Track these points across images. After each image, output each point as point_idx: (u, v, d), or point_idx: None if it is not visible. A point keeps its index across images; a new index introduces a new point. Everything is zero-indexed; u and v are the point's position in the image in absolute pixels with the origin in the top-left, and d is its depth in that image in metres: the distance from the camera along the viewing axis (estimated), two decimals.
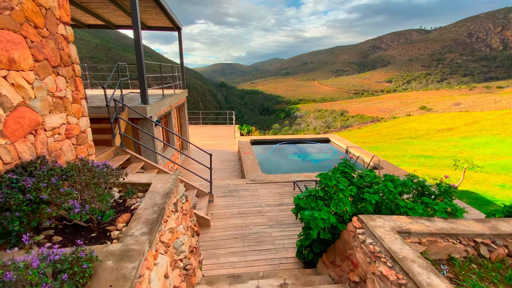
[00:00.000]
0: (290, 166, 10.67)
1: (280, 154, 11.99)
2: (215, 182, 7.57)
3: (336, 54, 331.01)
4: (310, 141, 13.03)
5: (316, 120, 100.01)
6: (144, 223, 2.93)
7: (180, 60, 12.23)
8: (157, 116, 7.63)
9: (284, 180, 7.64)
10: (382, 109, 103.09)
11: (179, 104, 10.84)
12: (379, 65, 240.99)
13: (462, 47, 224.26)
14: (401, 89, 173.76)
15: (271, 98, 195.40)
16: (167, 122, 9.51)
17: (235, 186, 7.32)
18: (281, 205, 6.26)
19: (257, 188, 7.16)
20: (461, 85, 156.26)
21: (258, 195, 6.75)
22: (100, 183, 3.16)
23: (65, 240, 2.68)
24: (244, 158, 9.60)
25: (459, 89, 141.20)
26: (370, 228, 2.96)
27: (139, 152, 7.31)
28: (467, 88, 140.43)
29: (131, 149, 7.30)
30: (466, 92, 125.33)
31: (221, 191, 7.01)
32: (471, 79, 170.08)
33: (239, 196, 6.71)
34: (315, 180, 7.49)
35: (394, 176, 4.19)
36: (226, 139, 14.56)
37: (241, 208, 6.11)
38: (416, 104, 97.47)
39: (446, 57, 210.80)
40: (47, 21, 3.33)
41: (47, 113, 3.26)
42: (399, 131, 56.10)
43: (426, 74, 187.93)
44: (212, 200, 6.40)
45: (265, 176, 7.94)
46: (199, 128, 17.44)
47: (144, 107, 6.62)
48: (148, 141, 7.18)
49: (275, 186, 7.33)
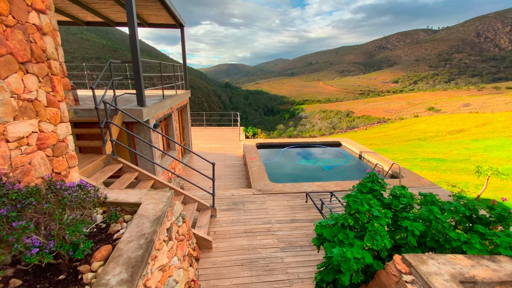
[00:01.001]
0: (299, 173, 9.93)
1: (288, 159, 11.26)
2: (218, 192, 6.87)
3: (341, 54, 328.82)
4: (320, 145, 12.27)
5: (321, 121, 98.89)
6: (125, 265, 2.22)
7: (183, 59, 11.57)
8: (156, 120, 6.95)
9: (295, 191, 6.91)
10: (388, 110, 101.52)
11: (181, 106, 10.18)
12: (385, 66, 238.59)
13: (470, 47, 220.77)
14: (407, 90, 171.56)
15: (275, 98, 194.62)
16: (168, 125, 8.85)
17: (240, 197, 6.61)
18: (293, 221, 5.53)
19: (265, 200, 6.44)
20: (469, 86, 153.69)
21: (266, 209, 6.03)
22: (73, 210, 2.48)
23: (25, 284, 2.09)
24: (250, 164, 8.89)
25: (468, 90, 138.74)
26: (424, 276, 2.22)
27: (135, 160, 6.63)
28: (476, 89, 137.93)
29: (126, 156, 6.63)
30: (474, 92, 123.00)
31: (225, 203, 6.30)
32: (479, 80, 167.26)
33: (245, 209, 5.99)
34: (330, 191, 6.75)
35: (435, 196, 3.44)
36: (231, 142, 13.87)
37: (248, 225, 5.39)
38: (424, 105, 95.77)
39: (453, 57, 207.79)
40: (14, 7, 2.64)
41: (10, 120, 2.58)
42: (407, 133, 54.78)
43: (433, 74, 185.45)
44: (214, 215, 5.70)
45: (273, 185, 7.21)
46: (202, 130, 16.78)
47: (140, 110, 5.94)
48: (145, 147, 6.51)
49: (285, 197, 6.60)
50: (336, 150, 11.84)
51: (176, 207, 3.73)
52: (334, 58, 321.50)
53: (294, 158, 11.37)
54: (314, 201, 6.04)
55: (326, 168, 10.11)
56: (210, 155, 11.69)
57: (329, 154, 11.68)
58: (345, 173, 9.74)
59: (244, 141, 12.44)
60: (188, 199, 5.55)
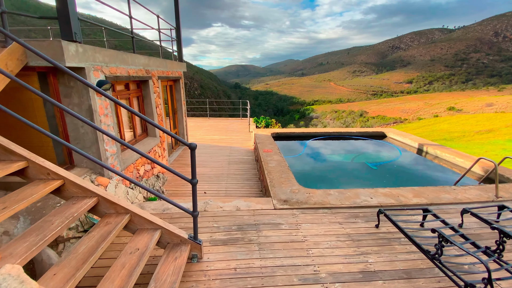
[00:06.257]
0: (335, 173, 6.87)
1: (316, 153, 8.19)
2: (212, 204, 3.90)
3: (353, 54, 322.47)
4: (357, 137, 9.19)
5: (333, 121, 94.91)
6: None
7: (176, 23, 8.71)
8: (107, 77, 4.04)
9: (348, 204, 3.87)
10: (404, 110, 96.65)
11: (168, 77, 7.28)
12: (399, 66, 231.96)
13: (488, 46, 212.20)
14: (422, 90, 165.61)
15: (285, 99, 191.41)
16: (143, 98, 5.94)
17: (251, 214, 3.62)
18: (365, 274, 2.51)
19: (297, 222, 3.43)
20: (488, 86, 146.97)
21: (303, 240, 3.03)
22: None
23: None
24: (264, 159, 5.90)
25: (487, 90, 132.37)
26: None
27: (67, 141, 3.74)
28: (496, 89, 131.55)
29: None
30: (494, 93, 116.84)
31: (222, 226, 3.32)
32: (498, 80, 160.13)
33: (261, 242, 3.01)
34: (417, 206, 3.72)
35: None
36: (238, 134, 10.92)
37: (269, 283, 2.40)
38: (442, 105, 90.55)
39: (471, 57, 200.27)
40: None
41: None
42: (428, 133, 50.66)
43: (450, 74, 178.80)
44: (197, 256, 2.71)
45: (308, 193, 4.19)
46: (204, 121, 13.88)
47: (60, 45, 3.05)
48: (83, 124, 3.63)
49: (334, 216, 3.58)
50: (381, 143, 8.74)
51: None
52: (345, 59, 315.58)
53: (323, 152, 8.30)
54: (400, 226, 2.98)
55: (372, 166, 7.02)
56: (211, 148, 8.75)
57: (372, 147, 8.57)
58: (400, 170, 6.65)
59: (255, 131, 9.46)
60: (139, 222, 2.59)
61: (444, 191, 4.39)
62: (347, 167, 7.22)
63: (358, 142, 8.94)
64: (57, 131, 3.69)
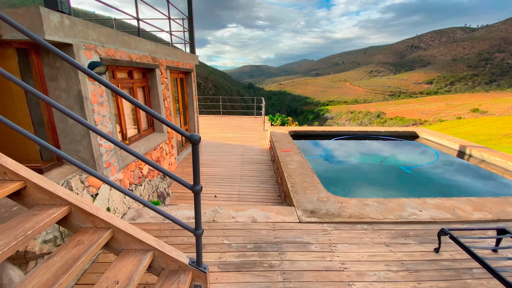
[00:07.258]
0: (365, 177, 6.04)
1: (340, 154, 7.37)
2: (222, 212, 3.22)
3: (369, 54, 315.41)
4: (386, 136, 8.28)
5: (349, 122, 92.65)
6: None
7: (189, 11, 8.16)
8: (102, 58, 3.44)
9: (393, 218, 3.09)
10: (424, 112, 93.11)
11: (178, 68, 6.67)
12: (418, 66, 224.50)
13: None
14: (443, 91, 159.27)
15: (299, 99, 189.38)
16: (149, 88, 5.35)
17: (270, 229, 2.91)
18: None
19: (331, 241, 2.69)
20: None
21: (341, 270, 2.30)
22: None
23: None
24: (283, 160, 5.18)
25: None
26: None
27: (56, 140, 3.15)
28: None
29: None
30: None
31: (235, 244, 2.63)
32: None
33: (286, 269, 2.29)
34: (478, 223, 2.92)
35: None
36: (252, 132, 10.24)
37: None
38: (465, 107, 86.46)
39: (495, 57, 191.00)
40: None
41: None
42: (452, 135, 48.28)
43: (473, 75, 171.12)
44: (201, 286, 2.03)
45: (339, 202, 3.43)
46: (217, 119, 13.29)
47: (39, 13, 2.46)
48: (72, 110, 3.04)
49: (378, 235, 2.82)
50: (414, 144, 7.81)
51: None
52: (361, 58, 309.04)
53: (348, 153, 7.46)
54: (477, 254, 2.19)
55: (406, 170, 6.15)
56: (223, 147, 8.11)
57: (404, 149, 7.65)
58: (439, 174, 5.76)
59: (271, 128, 8.74)
60: (124, 241, 1.94)
61: (509, 203, 3.52)
62: (376, 170, 6.37)
63: (386, 142, 8.03)
64: (42, 121, 3.12)
